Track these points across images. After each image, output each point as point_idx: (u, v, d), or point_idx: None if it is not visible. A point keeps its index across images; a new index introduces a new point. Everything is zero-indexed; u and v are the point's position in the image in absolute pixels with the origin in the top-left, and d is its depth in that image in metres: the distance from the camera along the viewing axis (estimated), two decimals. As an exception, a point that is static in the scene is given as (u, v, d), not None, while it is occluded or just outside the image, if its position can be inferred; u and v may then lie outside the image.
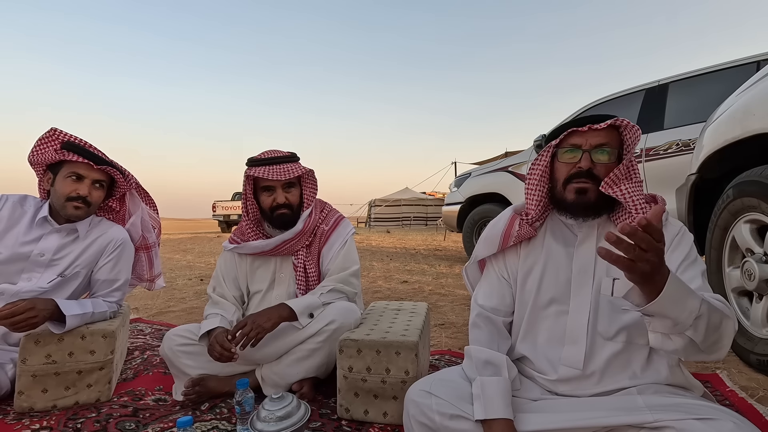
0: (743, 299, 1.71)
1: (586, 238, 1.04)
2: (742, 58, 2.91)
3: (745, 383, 1.50)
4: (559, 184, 1.04)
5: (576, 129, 1.00)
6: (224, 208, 14.42)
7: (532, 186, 1.08)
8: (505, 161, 4.73)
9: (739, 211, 1.66)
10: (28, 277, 1.45)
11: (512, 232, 1.09)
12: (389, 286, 3.80)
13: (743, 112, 1.63)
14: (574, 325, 0.99)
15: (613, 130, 1.00)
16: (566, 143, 1.02)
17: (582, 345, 0.97)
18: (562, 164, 1.03)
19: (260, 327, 1.34)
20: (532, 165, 1.08)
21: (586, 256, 1.02)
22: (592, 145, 0.99)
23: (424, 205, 18.68)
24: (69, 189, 1.46)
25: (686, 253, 0.96)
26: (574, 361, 0.97)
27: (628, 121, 0.98)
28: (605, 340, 0.97)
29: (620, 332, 0.96)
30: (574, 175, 1.00)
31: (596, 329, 0.98)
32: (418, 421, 0.95)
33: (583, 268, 1.02)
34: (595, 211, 1.02)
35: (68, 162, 1.47)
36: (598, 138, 0.99)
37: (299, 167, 1.55)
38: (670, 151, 2.97)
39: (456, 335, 2.23)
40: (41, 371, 1.35)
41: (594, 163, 0.99)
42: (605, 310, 0.98)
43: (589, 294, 1.00)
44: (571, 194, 1.01)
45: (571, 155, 1.01)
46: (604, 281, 0.97)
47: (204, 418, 1.31)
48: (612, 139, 1.00)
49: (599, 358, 0.96)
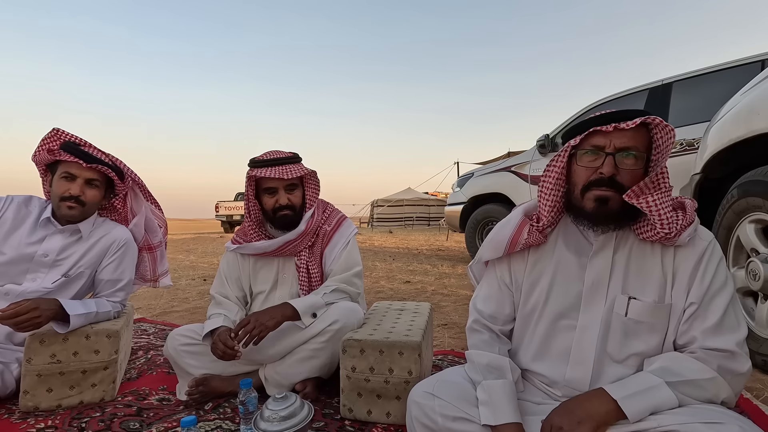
0: (748, 299, 1.70)
1: (602, 249, 0.94)
2: (746, 57, 2.89)
3: (750, 384, 1.49)
4: (576, 190, 0.93)
5: (599, 128, 0.87)
6: (227, 208, 14.45)
7: (547, 190, 0.97)
8: (507, 161, 4.72)
9: (743, 211, 1.65)
10: (32, 278, 1.46)
11: (520, 239, 1.00)
12: (392, 286, 3.80)
13: (748, 112, 1.62)
14: (582, 344, 0.92)
15: (641, 129, 0.88)
16: (587, 144, 0.91)
17: (588, 366, 0.90)
18: (582, 168, 0.92)
19: (263, 325, 1.34)
20: (548, 166, 0.97)
21: (600, 269, 0.93)
22: (616, 147, 0.87)
23: (427, 206, 18.66)
24: (62, 189, 1.46)
25: (707, 285, 0.86)
26: (578, 383, 0.91)
27: (661, 120, 0.85)
28: (614, 363, 0.90)
29: (632, 357, 0.89)
30: (594, 182, 0.89)
31: (605, 350, 0.91)
32: (420, 423, 0.95)
33: (596, 282, 0.93)
34: (616, 222, 0.91)
35: (63, 162, 1.47)
36: (623, 139, 0.87)
37: (301, 168, 1.55)
38: (674, 151, 2.96)
39: (459, 335, 2.22)
40: (46, 371, 1.36)
41: (618, 168, 0.88)
42: (617, 331, 0.90)
43: (601, 311, 0.92)
44: (590, 203, 0.90)
45: (592, 157, 0.90)
46: (619, 299, 0.90)
47: (208, 417, 1.32)
48: (640, 141, 0.88)
49: (606, 381, 0.88)
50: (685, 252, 0.89)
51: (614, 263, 0.93)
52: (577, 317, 0.94)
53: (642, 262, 0.92)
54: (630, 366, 0.90)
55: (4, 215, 1.49)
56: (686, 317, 0.87)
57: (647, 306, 0.89)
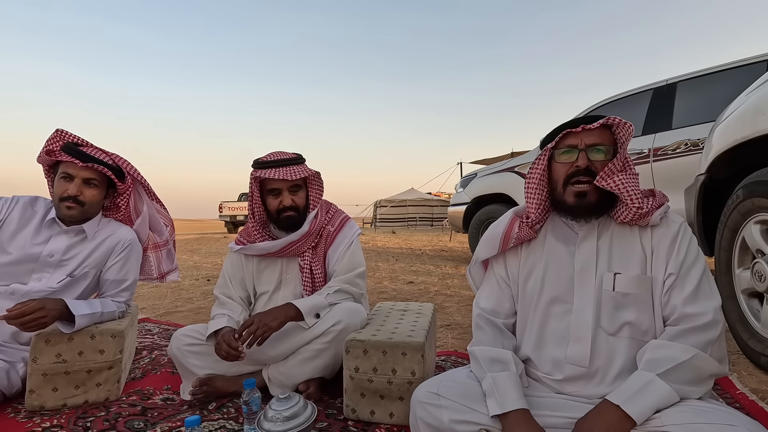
0: (753, 301, 1.69)
1: (587, 236, 1.05)
2: (751, 57, 2.87)
3: (755, 386, 1.48)
4: (558, 186, 1.05)
5: (570, 130, 1.02)
6: (231, 208, 14.49)
7: (532, 189, 1.10)
8: (510, 161, 4.71)
9: (749, 212, 1.64)
10: (38, 278, 1.47)
11: (512, 235, 1.11)
12: (395, 286, 3.80)
13: (753, 112, 1.61)
14: (579, 323, 0.99)
15: (605, 129, 1.03)
16: (562, 145, 1.04)
17: (587, 342, 0.97)
18: (560, 165, 1.05)
19: (266, 326, 1.35)
20: (530, 169, 1.10)
21: (587, 253, 1.03)
22: (587, 144, 1.01)
23: (430, 206, 18.65)
24: (61, 189, 1.47)
25: (683, 258, 0.97)
26: (579, 359, 0.97)
27: (620, 119, 0.99)
28: (608, 336, 0.97)
29: (623, 327, 0.97)
30: (572, 174, 1.02)
31: (600, 325, 0.98)
32: (425, 423, 0.95)
33: (584, 266, 1.03)
34: (597, 212, 1.04)
35: (62, 162, 1.48)
36: (592, 137, 1.01)
37: (305, 169, 1.55)
38: (679, 151, 2.95)
39: (462, 336, 2.22)
40: (51, 370, 1.37)
41: (591, 161, 1.01)
42: (608, 306, 0.99)
43: (592, 291, 1.00)
44: (571, 197, 1.03)
45: (568, 156, 1.03)
46: (606, 276, 1.00)
47: (211, 417, 1.32)
48: (606, 138, 1.02)
49: (604, 355, 0.97)
50: (660, 231, 1.01)
51: (599, 247, 1.04)
52: (572, 300, 1.02)
53: (623, 242, 1.03)
54: (622, 338, 0.97)
55: (10, 215, 1.50)
56: (666, 288, 0.97)
57: (631, 278, 0.98)
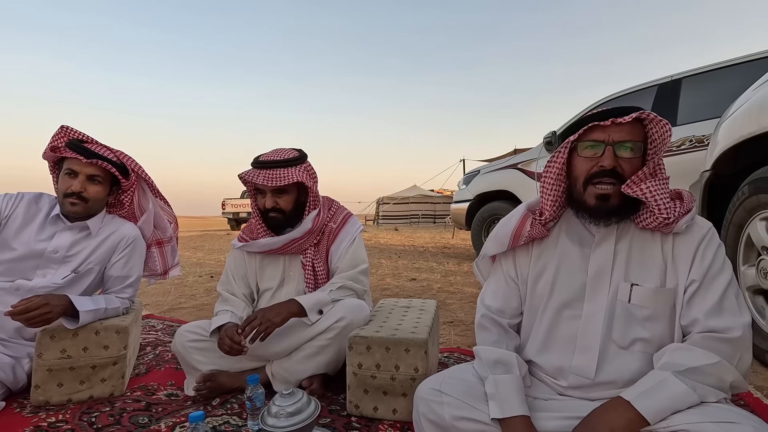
0: (758, 298, 1.68)
1: (605, 239, 0.97)
2: (757, 53, 2.84)
3: (761, 383, 1.48)
4: (578, 183, 0.96)
5: (597, 123, 0.91)
6: (234, 205, 14.50)
7: (548, 185, 1.00)
8: (514, 158, 4.69)
9: (754, 209, 1.63)
10: (42, 274, 1.48)
11: (523, 232, 1.03)
12: (398, 283, 3.80)
13: (759, 108, 1.60)
14: (587, 331, 0.94)
15: (637, 124, 0.92)
16: (586, 138, 0.94)
17: (594, 353, 0.92)
18: (583, 159, 0.95)
19: (269, 321, 1.35)
20: (549, 162, 1.00)
21: (603, 258, 0.96)
22: (614, 140, 0.91)
23: (433, 203, 18.63)
24: (65, 186, 1.48)
25: (708, 265, 0.89)
26: (584, 370, 0.93)
27: (655, 115, 0.88)
28: (620, 349, 0.92)
29: (636, 342, 0.91)
30: (595, 174, 0.93)
31: (610, 336, 0.93)
32: (428, 419, 0.95)
33: (599, 271, 0.95)
34: (618, 216, 0.94)
35: (66, 159, 1.49)
36: (621, 133, 0.91)
37: (291, 175, 1.47)
38: (684, 148, 2.92)
39: (465, 333, 2.22)
40: (56, 366, 1.37)
41: (617, 160, 0.91)
42: (621, 317, 0.92)
43: (605, 299, 0.94)
44: (591, 198, 0.94)
45: (593, 150, 0.93)
46: (622, 286, 0.93)
47: (215, 413, 1.33)
48: (636, 134, 0.92)
49: (611, 368, 0.91)
50: (683, 238, 0.93)
51: (616, 252, 0.96)
52: (582, 307, 0.96)
53: (643, 250, 0.95)
54: (635, 352, 0.91)
55: (15, 212, 1.51)
56: (688, 297, 0.89)
57: (649, 291, 0.91)
